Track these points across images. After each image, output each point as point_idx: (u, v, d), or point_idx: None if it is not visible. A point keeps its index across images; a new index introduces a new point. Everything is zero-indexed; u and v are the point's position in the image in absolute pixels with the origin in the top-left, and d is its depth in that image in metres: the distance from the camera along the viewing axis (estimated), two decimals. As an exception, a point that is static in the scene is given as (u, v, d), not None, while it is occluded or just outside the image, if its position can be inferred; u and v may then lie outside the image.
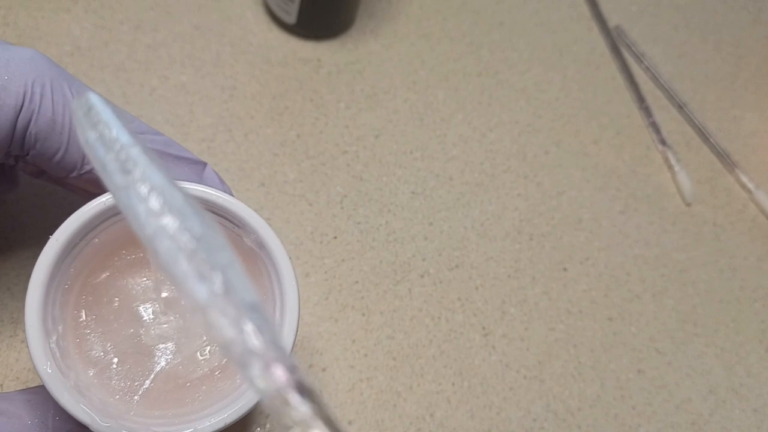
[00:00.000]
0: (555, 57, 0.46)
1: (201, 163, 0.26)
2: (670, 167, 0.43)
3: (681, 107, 0.45)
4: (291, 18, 0.40)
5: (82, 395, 0.21)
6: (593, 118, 0.44)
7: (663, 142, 0.43)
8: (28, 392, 0.23)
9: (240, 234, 0.24)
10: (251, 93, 0.39)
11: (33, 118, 0.22)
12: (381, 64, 0.42)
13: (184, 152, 0.26)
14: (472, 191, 0.39)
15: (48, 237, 0.21)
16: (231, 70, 0.39)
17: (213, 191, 0.23)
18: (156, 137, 0.25)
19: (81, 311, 0.23)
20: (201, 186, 0.23)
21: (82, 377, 0.22)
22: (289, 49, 0.41)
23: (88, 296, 0.23)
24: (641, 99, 0.45)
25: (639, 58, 0.47)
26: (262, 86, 0.39)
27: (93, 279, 0.24)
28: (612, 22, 0.48)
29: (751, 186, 0.43)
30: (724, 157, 0.44)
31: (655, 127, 0.44)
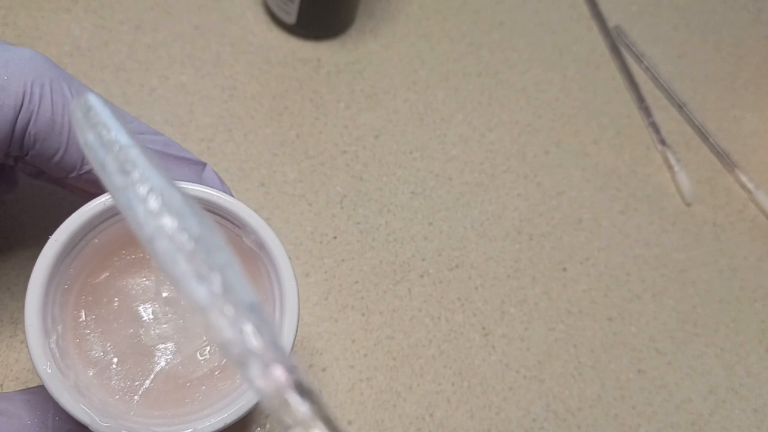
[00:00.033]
0: (555, 57, 0.46)
1: (201, 164, 0.26)
2: (670, 167, 0.43)
3: (681, 107, 0.45)
4: (291, 18, 0.40)
5: (82, 395, 0.21)
6: (593, 118, 0.44)
7: (663, 142, 0.43)
8: (28, 392, 0.23)
9: (240, 234, 0.24)
10: (251, 93, 0.39)
11: (32, 119, 0.22)
12: (381, 64, 0.42)
13: (184, 152, 0.26)
14: (472, 191, 0.39)
15: (48, 237, 0.21)
16: (231, 70, 0.39)
17: (213, 191, 0.23)
18: (156, 137, 0.25)
19: (81, 311, 0.23)
20: (201, 186, 0.23)
21: (82, 377, 0.22)
22: (289, 49, 0.41)
23: (88, 296, 0.23)
24: (641, 99, 0.45)
25: (639, 58, 0.47)
26: (262, 86, 0.39)
27: (93, 279, 0.24)
28: (612, 22, 0.48)
29: (751, 186, 0.43)
30: (724, 157, 0.44)
31: (655, 127, 0.44)
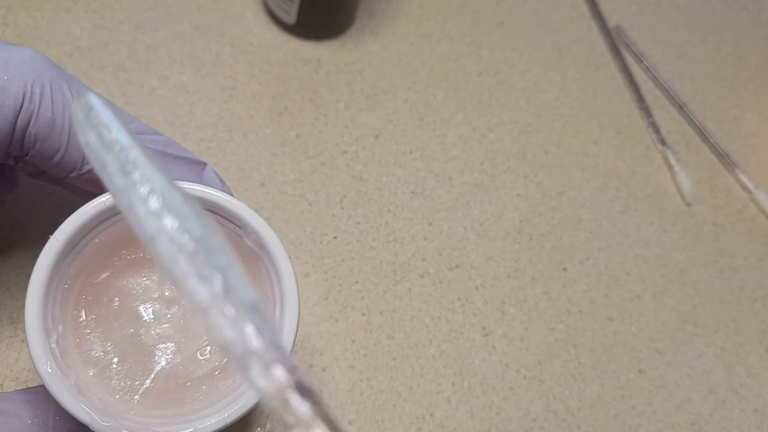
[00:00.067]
0: (555, 57, 0.46)
1: (201, 163, 0.26)
2: (670, 167, 0.43)
3: (681, 107, 0.45)
4: (291, 18, 0.40)
5: (82, 395, 0.21)
6: (593, 118, 0.44)
7: (663, 142, 0.43)
8: (28, 392, 0.23)
9: (240, 234, 0.24)
10: (251, 93, 0.39)
11: (32, 119, 0.22)
12: (381, 64, 0.42)
13: (184, 152, 0.26)
14: (472, 191, 0.39)
15: (48, 237, 0.21)
16: (231, 70, 0.39)
17: (213, 191, 0.23)
18: (156, 137, 0.25)
19: (81, 311, 0.23)
20: (201, 186, 0.23)
21: (82, 377, 0.22)
22: (289, 49, 0.41)
23: (88, 296, 0.23)
24: (641, 99, 0.45)
25: (639, 58, 0.47)
26: (262, 86, 0.39)
27: (93, 279, 0.24)
28: (612, 22, 0.48)
29: (751, 186, 0.43)
30: (724, 157, 0.44)
31: (655, 127, 0.44)
